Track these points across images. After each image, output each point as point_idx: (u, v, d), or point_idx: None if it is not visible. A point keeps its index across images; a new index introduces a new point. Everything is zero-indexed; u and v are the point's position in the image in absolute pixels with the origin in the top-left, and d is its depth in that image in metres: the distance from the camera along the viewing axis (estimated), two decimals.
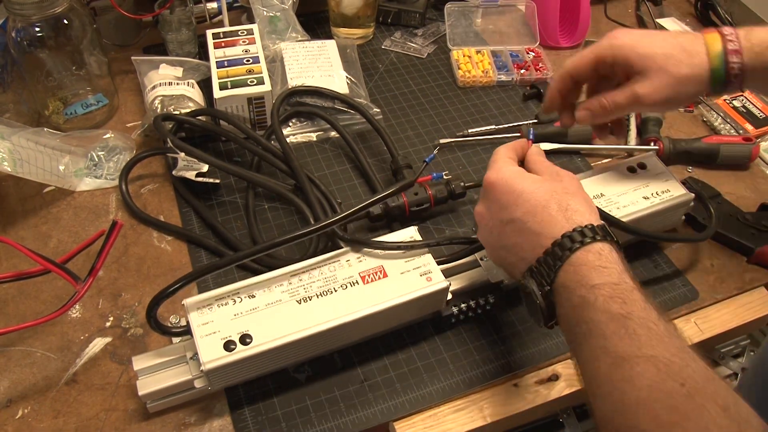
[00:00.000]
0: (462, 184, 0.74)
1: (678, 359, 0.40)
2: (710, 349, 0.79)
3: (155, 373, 0.55)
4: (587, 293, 0.45)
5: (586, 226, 0.49)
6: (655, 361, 0.40)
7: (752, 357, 0.80)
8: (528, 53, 0.98)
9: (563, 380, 0.62)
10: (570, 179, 0.54)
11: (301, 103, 0.83)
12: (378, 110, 0.86)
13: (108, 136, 0.78)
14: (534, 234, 0.50)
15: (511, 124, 0.85)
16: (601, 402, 0.42)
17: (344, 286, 0.58)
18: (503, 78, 0.93)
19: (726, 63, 0.54)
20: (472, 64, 0.94)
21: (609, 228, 0.50)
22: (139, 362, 0.55)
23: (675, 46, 0.56)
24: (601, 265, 0.46)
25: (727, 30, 0.56)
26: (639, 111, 0.57)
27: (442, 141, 0.83)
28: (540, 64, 0.95)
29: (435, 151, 0.68)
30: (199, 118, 0.77)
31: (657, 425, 0.38)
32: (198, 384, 0.55)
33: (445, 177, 0.74)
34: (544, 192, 0.52)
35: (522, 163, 0.58)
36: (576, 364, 0.47)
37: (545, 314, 0.49)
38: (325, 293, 0.57)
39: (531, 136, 0.61)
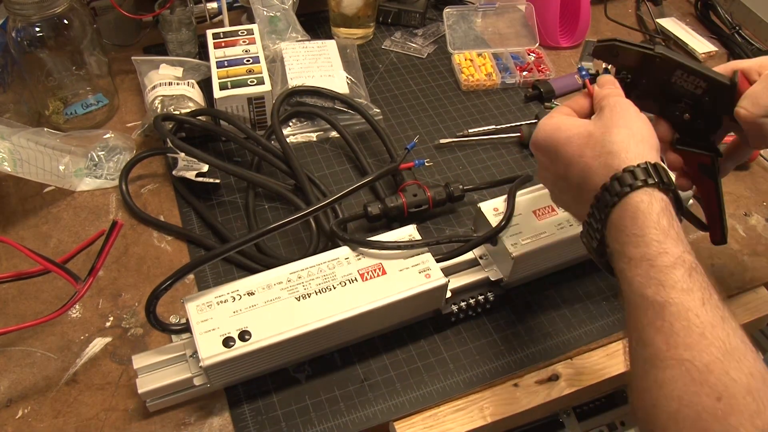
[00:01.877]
0: (461, 186, 0.74)
1: (718, 365, 0.36)
2: None
3: (155, 371, 0.55)
4: (626, 267, 0.42)
5: (625, 171, 0.43)
6: (689, 366, 0.36)
7: None
8: (529, 54, 0.98)
9: (563, 380, 0.62)
10: (611, 108, 0.48)
11: (301, 103, 0.83)
12: (378, 110, 0.86)
13: (108, 136, 0.78)
14: (577, 188, 0.47)
15: (511, 124, 0.85)
16: (638, 396, 0.40)
17: (343, 284, 0.58)
18: (507, 80, 0.93)
19: None
20: (475, 67, 0.94)
21: (659, 164, 0.44)
22: (138, 360, 0.56)
23: None
24: (636, 233, 0.42)
25: None
26: None
27: (442, 141, 0.83)
28: (542, 65, 0.95)
29: (415, 139, 0.76)
30: (199, 118, 0.77)
31: None
32: (197, 381, 0.55)
33: (426, 164, 0.78)
34: (580, 137, 0.47)
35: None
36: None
37: (608, 271, 0.46)
38: (323, 290, 0.57)
39: (586, 76, 0.54)
